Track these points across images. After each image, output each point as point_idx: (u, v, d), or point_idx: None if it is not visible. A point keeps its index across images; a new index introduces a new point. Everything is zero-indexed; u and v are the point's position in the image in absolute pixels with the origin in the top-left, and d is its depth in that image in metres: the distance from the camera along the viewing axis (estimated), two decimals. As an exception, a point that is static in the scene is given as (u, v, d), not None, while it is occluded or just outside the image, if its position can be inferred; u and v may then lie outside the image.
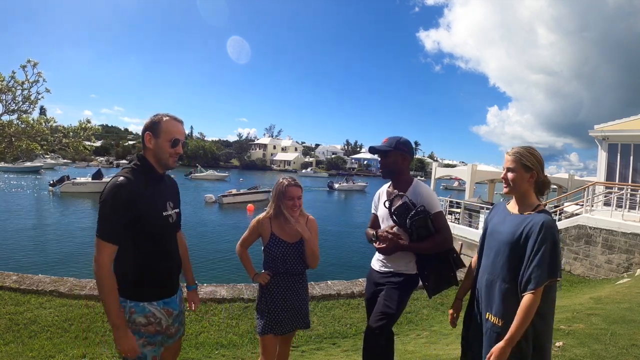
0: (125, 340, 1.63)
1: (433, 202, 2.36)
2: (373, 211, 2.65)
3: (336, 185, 45.92)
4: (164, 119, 1.81)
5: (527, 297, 1.57)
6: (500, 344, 1.58)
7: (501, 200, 1.99)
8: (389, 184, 2.58)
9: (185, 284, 2.18)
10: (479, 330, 1.79)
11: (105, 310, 1.63)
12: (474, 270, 1.98)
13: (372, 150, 2.51)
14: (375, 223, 2.60)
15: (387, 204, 2.38)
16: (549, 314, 1.66)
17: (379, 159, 2.50)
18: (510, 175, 1.77)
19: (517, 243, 1.65)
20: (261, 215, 2.52)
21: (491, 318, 1.70)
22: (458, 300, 2.09)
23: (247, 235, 2.53)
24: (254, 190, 28.81)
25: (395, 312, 2.30)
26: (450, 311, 2.10)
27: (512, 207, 1.84)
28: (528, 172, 1.75)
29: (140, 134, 1.92)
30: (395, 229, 2.35)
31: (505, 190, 1.82)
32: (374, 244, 2.40)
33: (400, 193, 2.37)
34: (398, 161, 2.43)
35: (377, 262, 2.54)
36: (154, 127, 1.79)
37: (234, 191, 28.19)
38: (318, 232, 2.57)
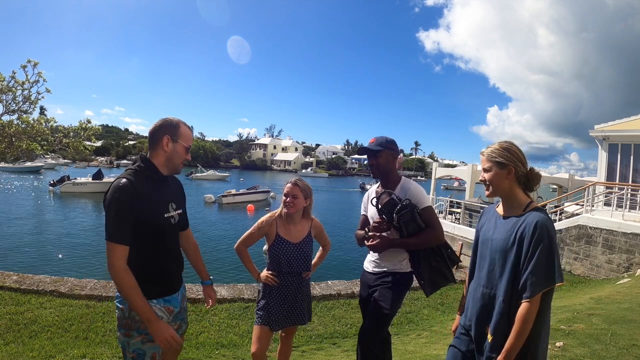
0: (163, 331, 1.63)
1: (422, 198, 2.34)
2: (363, 212, 2.63)
3: (367, 187, 46.62)
4: (182, 125, 1.83)
5: (522, 307, 1.45)
6: (499, 358, 1.47)
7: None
8: (377, 184, 2.57)
9: (190, 283, 2.17)
10: (468, 343, 1.69)
11: (133, 308, 1.63)
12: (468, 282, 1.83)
13: (363, 151, 2.46)
14: (365, 224, 2.58)
15: (374, 201, 2.37)
16: (544, 319, 1.53)
17: (368, 159, 2.47)
18: (486, 176, 1.64)
19: (511, 250, 1.52)
20: (268, 215, 2.55)
21: (489, 336, 1.57)
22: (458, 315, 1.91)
23: (250, 233, 2.53)
24: (253, 190, 28.81)
25: (390, 312, 2.28)
26: (454, 329, 1.92)
27: (501, 209, 1.69)
28: (503, 168, 1.60)
29: (141, 134, 1.91)
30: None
31: (487, 192, 1.68)
32: (365, 242, 2.37)
33: (387, 190, 2.36)
34: (389, 160, 2.43)
35: (369, 263, 2.52)
36: (174, 131, 1.79)
37: (233, 191, 28.17)
38: (323, 229, 2.67)
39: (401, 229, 2.24)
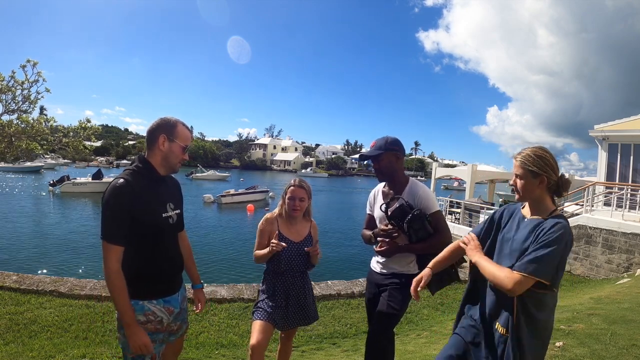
0: (137, 337, 1.65)
1: (430, 203, 2.32)
2: (368, 212, 2.61)
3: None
4: (179, 124, 1.83)
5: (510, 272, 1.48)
6: None
7: (500, 200, 1.87)
8: (383, 184, 2.55)
9: (189, 284, 2.17)
10: (474, 335, 1.72)
11: (117, 309, 1.66)
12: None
13: (362, 158, 2.45)
14: (370, 223, 2.56)
15: (383, 207, 2.35)
16: (546, 324, 1.54)
17: (372, 164, 2.44)
18: (518, 182, 1.64)
19: (527, 249, 1.53)
20: (268, 215, 2.54)
21: (499, 329, 1.59)
22: (429, 269, 1.88)
23: (259, 240, 2.50)
24: (252, 190, 28.80)
25: (399, 313, 2.30)
26: (416, 281, 1.85)
27: (527, 212, 1.70)
28: (536, 177, 1.59)
29: (141, 134, 1.92)
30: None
31: (517, 197, 1.69)
32: (374, 247, 2.38)
33: (396, 196, 2.33)
34: (392, 161, 2.38)
35: (377, 263, 2.51)
36: (170, 130, 1.79)
37: (232, 191, 28.15)
38: (317, 233, 2.66)
39: (410, 235, 2.24)
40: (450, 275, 2.35)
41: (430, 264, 1.90)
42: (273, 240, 2.37)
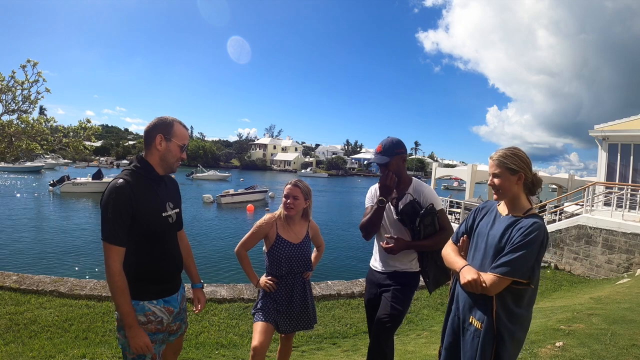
0: (139, 338, 1.65)
1: (435, 201, 2.37)
2: (369, 205, 2.60)
3: None
4: (176, 123, 1.82)
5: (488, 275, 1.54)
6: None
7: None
8: None
9: (189, 283, 2.17)
10: (457, 332, 1.74)
11: (118, 310, 1.65)
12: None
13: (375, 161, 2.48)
14: None
15: (393, 202, 2.38)
16: (524, 321, 1.59)
17: (379, 167, 2.46)
18: (496, 181, 1.70)
19: (503, 248, 1.59)
20: (268, 216, 2.53)
21: (474, 322, 1.64)
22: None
23: (251, 235, 2.50)
24: (252, 190, 28.79)
25: (403, 311, 2.33)
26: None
27: (503, 209, 1.75)
28: (514, 174, 1.67)
29: (141, 134, 1.91)
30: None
31: (495, 197, 1.75)
32: (381, 243, 2.39)
33: (404, 192, 2.37)
34: (400, 164, 2.42)
35: (378, 262, 2.52)
36: (167, 130, 1.79)
37: (231, 191, 28.15)
38: (319, 230, 2.70)
39: (420, 232, 2.27)
40: (447, 275, 2.38)
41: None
42: (270, 283, 2.43)
